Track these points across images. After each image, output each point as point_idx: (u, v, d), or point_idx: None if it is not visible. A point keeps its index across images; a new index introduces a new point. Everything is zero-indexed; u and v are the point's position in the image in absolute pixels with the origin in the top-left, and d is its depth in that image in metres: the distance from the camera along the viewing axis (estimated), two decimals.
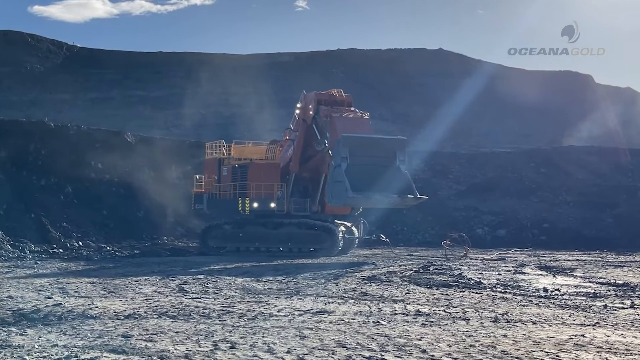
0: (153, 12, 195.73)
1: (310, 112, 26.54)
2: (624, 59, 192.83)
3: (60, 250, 26.17)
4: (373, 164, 23.90)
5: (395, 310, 11.94)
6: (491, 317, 11.28)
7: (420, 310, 11.99)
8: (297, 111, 27.68)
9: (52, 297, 13.29)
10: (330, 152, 24.91)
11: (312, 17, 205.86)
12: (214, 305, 12.53)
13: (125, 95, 79.09)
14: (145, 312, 11.58)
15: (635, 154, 48.44)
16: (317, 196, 27.11)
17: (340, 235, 26.81)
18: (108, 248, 27.64)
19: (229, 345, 8.90)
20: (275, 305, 12.50)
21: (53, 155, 33.54)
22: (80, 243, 28.48)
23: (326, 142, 25.30)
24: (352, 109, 26.59)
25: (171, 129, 68.39)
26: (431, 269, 20.14)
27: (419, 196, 24.15)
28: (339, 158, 23.93)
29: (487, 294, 14.38)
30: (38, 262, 22.07)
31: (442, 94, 76.24)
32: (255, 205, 27.27)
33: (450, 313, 11.71)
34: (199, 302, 12.97)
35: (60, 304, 12.31)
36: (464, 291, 14.88)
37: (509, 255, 27.61)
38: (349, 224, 28.65)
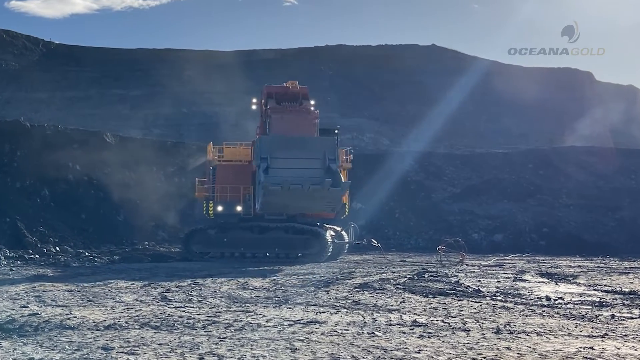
0: (135, 7, 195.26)
1: (264, 107, 26.46)
2: (625, 56, 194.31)
3: (37, 256, 25.90)
4: (299, 166, 23.96)
5: (391, 321, 11.82)
6: (493, 328, 11.17)
7: (417, 320, 11.87)
8: (254, 107, 27.65)
9: (27, 306, 13.08)
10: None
11: (301, 12, 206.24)
12: (199, 314, 12.37)
13: (104, 94, 78.64)
14: (127, 323, 11.41)
15: (638, 154, 48.65)
16: None
17: (329, 239, 26.73)
18: (87, 254, 27.40)
19: (216, 358, 8.75)
20: (264, 315, 12.35)
21: (29, 156, 33.25)
22: (58, 248, 28.21)
23: None
24: (311, 102, 26.31)
25: (152, 129, 68.06)
26: (426, 276, 20.04)
27: (344, 182, 23.55)
28: (258, 159, 24.27)
29: (487, 303, 14.28)
30: (13, 268, 21.81)
31: (435, 92, 76.41)
32: (220, 208, 27.20)
33: (449, 323, 11.60)
34: (183, 311, 12.80)
35: (37, 313, 12.11)
36: (462, 300, 14.78)
37: (507, 262, 27.59)
38: (338, 228, 28.61)
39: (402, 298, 15.00)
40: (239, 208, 27.12)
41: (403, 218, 39.85)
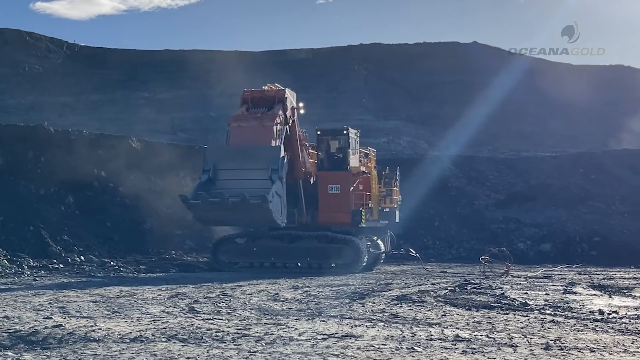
0: (163, 8, 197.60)
1: None
2: None
3: (61, 266, 26.27)
4: (243, 177, 24.20)
5: (431, 335, 11.72)
6: (542, 344, 11.01)
7: (459, 335, 11.76)
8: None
9: (51, 318, 13.26)
10: None
11: (334, 10, 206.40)
12: (228, 327, 12.41)
13: (130, 97, 79.67)
14: (153, 335, 11.49)
15: None
16: (302, 205, 27.20)
17: (364, 249, 26.66)
18: (112, 263, 27.70)
19: None
20: (296, 328, 12.35)
21: (53, 162, 33.75)
22: (82, 258, 28.58)
23: None
24: (290, 106, 26.21)
25: (179, 133, 68.75)
26: (469, 288, 19.87)
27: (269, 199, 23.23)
28: (202, 170, 24.69)
29: (535, 317, 14.10)
30: (37, 278, 22.16)
31: (476, 92, 75.78)
32: None
33: (494, 339, 11.45)
34: (211, 323, 12.86)
35: (61, 325, 12.26)
36: (508, 313, 14.61)
37: (556, 273, 27.23)
38: (374, 237, 28.54)
39: (443, 311, 14.88)
40: None
41: (443, 226, 39.55)
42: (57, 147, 34.42)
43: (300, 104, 27.12)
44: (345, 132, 27.93)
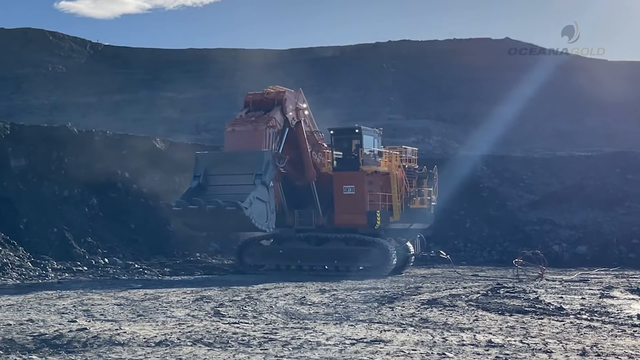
0: (188, 6, 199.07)
1: None
2: None
3: (85, 268, 26.59)
4: (231, 182, 24.50)
5: (463, 340, 11.67)
6: (578, 350, 10.92)
7: (492, 340, 11.70)
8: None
9: (76, 321, 13.42)
10: None
11: (362, 6, 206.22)
12: (254, 331, 12.47)
13: (154, 97, 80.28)
14: (178, 339, 11.58)
15: None
16: (317, 207, 27.44)
17: (393, 251, 26.60)
18: (136, 265, 27.97)
19: None
20: (323, 333, 12.36)
21: (77, 163, 34.14)
22: (107, 260, 28.90)
23: None
24: (291, 107, 26.37)
25: (203, 134, 69.13)
26: (502, 292, 19.74)
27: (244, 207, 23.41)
28: (192, 176, 25.44)
29: (571, 322, 13.98)
30: (61, 281, 22.44)
31: (509, 90, 75.14)
32: None
33: (528, 344, 11.38)
34: (237, 327, 12.93)
35: (85, 328, 12.41)
36: (542, 318, 14.51)
37: (593, 276, 26.97)
38: (403, 239, 28.47)
39: (475, 316, 14.81)
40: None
41: (475, 228, 39.32)
42: (81, 148, 34.81)
43: (304, 105, 27.01)
44: (357, 131, 27.96)
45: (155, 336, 11.77)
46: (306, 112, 27.65)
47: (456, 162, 44.01)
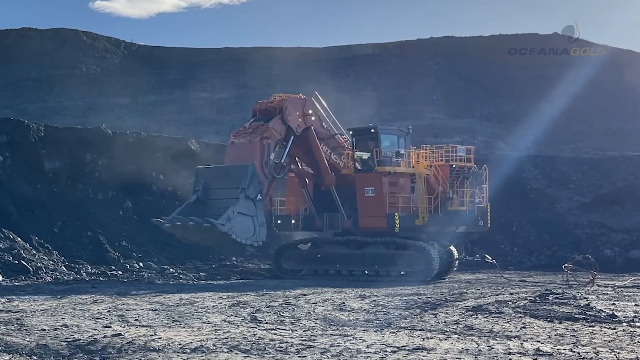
0: (224, 4, 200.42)
1: None
2: None
3: (119, 272, 26.94)
4: (226, 196, 24.95)
5: (510, 349, 11.56)
6: (631, 359, 10.74)
7: (540, 349, 11.57)
8: None
9: (110, 326, 13.60)
10: None
11: (406, 2, 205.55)
12: (292, 338, 12.50)
13: (188, 98, 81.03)
14: (214, 345, 11.66)
15: None
16: (341, 211, 27.67)
17: (436, 256, 26.45)
18: (171, 270, 28.25)
19: None
20: (363, 340, 12.35)
21: (111, 166, 34.62)
22: (141, 264, 29.25)
23: None
24: (289, 116, 26.47)
25: None
26: (551, 298, 19.51)
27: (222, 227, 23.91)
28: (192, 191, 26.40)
29: (624, 330, 13.76)
30: (95, 285, 22.75)
31: (558, 87, 74.26)
32: (279, 222, 28.93)
33: (578, 353, 11.24)
34: (275, 334, 12.97)
35: (120, 334, 12.56)
36: (593, 326, 14.31)
37: None
38: (446, 243, 28.27)
39: (523, 323, 14.67)
40: (292, 222, 28.51)
41: (522, 232, 38.93)
42: (115, 150, 35.30)
43: (311, 111, 27.17)
44: (372, 130, 27.89)
45: (191, 342, 11.87)
46: (317, 117, 27.59)
47: (502, 163, 43.57)
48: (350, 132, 28.73)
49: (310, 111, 27.16)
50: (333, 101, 75.43)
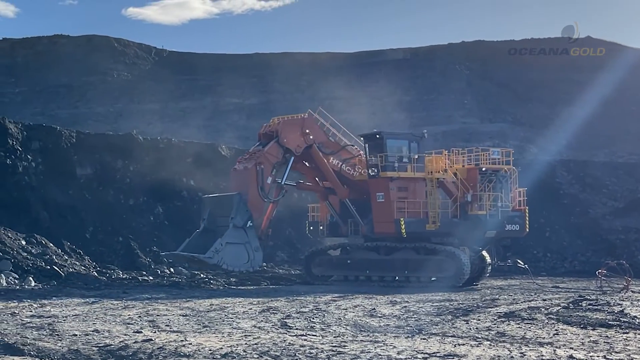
0: (256, 10, 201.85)
1: None
2: None
3: (150, 278, 27.14)
4: (224, 224, 25.72)
5: (542, 356, 11.45)
6: None
7: (573, 355, 11.44)
8: None
9: (141, 332, 13.70)
10: None
11: (436, 6, 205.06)
12: (322, 344, 12.49)
13: (219, 103, 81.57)
14: (245, 351, 11.69)
15: None
16: (357, 219, 27.94)
17: (467, 261, 26.27)
18: (202, 275, 28.38)
19: None
20: (394, 346, 12.30)
21: (142, 171, 34.96)
22: (172, 270, 29.44)
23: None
24: (285, 139, 27.12)
25: None
26: (584, 305, 19.29)
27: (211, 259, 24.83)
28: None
29: None
30: (126, 291, 22.93)
31: (590, 91, 73.52)
32: (311, 228, 29.74)
33: None
34: (305, 340, 12.97)
35: (151, 339, 12.64)
36: (627, 332, 14.12)
37: None
38: (478, 248, 28.04)
39: (556, 330, 14.52)
40: (320, 227, 29.18)
41: (555, 237, 38.59)
42: (146, 156, 35.64)
43: (308, 130, 27.45)
44: (378, 136, 27.87)
45: (221, 348, 11.91)
46: (322, 133, 27.96)
47: (535, 168, 43.28)
48: (361, 138, 28.75)
49: (308, 130, 27.42)
50: (363, 106, 75.89)
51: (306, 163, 28.47)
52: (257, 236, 25.96)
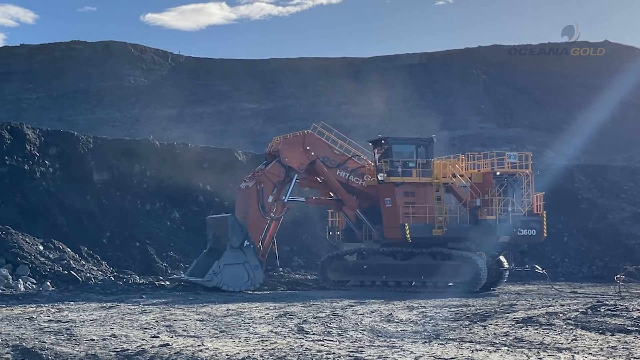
0: (274, 15, 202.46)
1: None
2: None
3: (167, 283, 27.22)
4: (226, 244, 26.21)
5: None
6: None
7: None
8: None
9: (158, 337, 13.75)
10: None
11: (453, 11, 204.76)
12: (339, 349, 12.48)
13: (235, 109, 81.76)
14: (261, 356, 11.71)
15: None
16: (368, 226, 28.12)
17: (484, 266, 26.16)
18: None
19: None
20: (412, 352, 12.28)
21: (159, 177, 35.12)
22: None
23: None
24: (286, 158, 27.42)
25: None
26: (602, 310, 19.16)
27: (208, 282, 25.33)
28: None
29: None
30: (143, 295, 23.03)
31: (609, 96, 73.10)
32: (330, 234, 30.12)
33: None
34: (322, 345, 12.97)
35: (168, 344, 12.69)
36: None
37: None
38: (495, 253, 27.91)
39: (574, 335, 14.44)
40: (337, 233, 29.54)
41: (573, 242, 38.36)
42: (162, 161, 35.80)
43: (309, 147, 27.69)
44: (383, 141, 27.93)
45: (238, 353, 11.93)
46: (325, 147, 28.12)
47: (552, 173, 43.04)
48: (370, 144, 28.80)
49: (309, 147, 27.65)
50: (379, 111, 75.74)
51: (318, 178, 28.59)
52: (256, 255, 26.22)
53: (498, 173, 27.69)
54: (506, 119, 76.09)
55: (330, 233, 29.78)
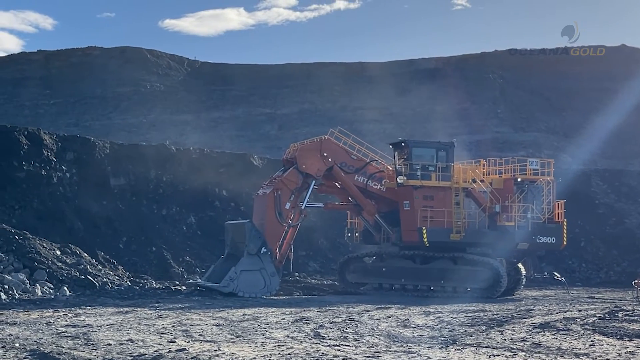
0: (292, 21, 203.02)
1: None
2: None
3: (183, 288, 27.29)
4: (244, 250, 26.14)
5: None
6: None
7: None
8: None
9: (175, 341, 13.78)
10: None
11: (472, 16, 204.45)
12: (356, 354, 12.47)
13: (251, 114, 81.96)
14: None
15: None
16: (386, 230, 28.10)
17: (504, 272, 26.06)
18: None
19: None
20: (428, 357, 12.25)
21: (175, 182, 35.24)
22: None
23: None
24: (304, 165, 27.14)
25: None
26: (620, 315, 19.06)
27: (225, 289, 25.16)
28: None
29: None
30: (160, 300, 23.08)
31: (626, 100, 72.64)
32: (349, 235, 30.24)
33: None
34: (338, 350, 12.96)
35: (184, 349, 12.72)
36: None
37: None
38: (514, 260, 27.81)
39: (592, 340, 14.36)
40: (356, 234, 29.59)
41: (590, 247, 38.14)
42: (178, 166, 35.92)
43: (326, 153, 27.55)
44: (403, 144, 27.90)
45: (255, 358, 11.95)
46: (343, 152, 27.98)
47: (569, 178, 42.81)
48: (391, 147, 28.78)
49: (326, 153, 27.59)
50: (396, 116, 75.60)
51: (336, 184, 28.56)
52: (273, 261, 26.16)
53: (519, 179, 27.51)
54: (522, 124, 75.77)
55: (349, 234, 29.81)
